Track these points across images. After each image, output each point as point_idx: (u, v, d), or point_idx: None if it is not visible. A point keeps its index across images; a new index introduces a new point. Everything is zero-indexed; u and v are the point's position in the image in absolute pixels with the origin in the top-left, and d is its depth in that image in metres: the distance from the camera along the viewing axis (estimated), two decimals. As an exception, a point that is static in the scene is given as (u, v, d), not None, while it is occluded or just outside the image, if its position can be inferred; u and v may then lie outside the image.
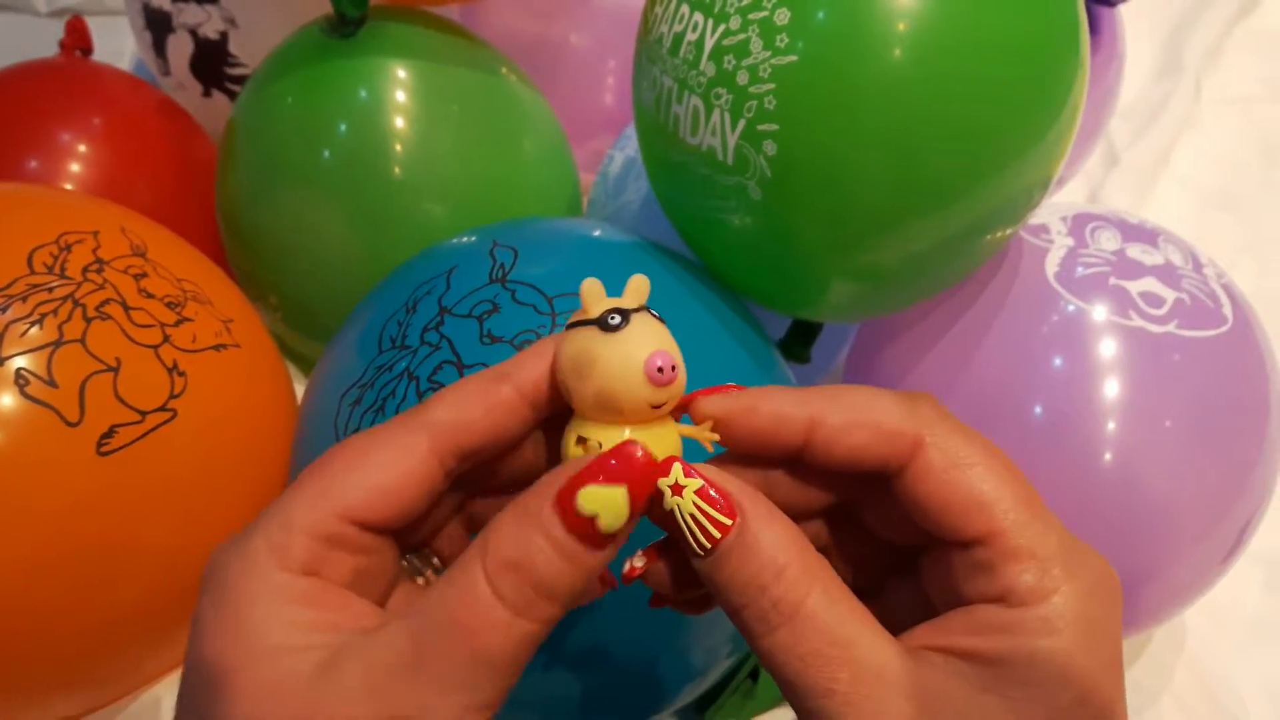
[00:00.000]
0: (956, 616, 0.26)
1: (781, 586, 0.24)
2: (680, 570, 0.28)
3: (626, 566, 0.28)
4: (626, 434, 0.25)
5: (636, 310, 0.26)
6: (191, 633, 0.24)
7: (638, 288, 0.27)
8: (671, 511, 0.25)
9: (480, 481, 0.29)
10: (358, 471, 0.25)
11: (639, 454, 0.24)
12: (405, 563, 0.29)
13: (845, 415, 0.26)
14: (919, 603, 0.28)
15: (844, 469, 0.27)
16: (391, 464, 0.25)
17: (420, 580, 0.29)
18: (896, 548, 0.29)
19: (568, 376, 0.26)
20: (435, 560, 0.29)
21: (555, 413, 0.27)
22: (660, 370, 0.24)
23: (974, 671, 0.24)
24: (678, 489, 0.25)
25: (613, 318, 0.25)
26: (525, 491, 0.24)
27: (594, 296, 0.26)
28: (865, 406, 0.27)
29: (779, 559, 0.24)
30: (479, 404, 0.26)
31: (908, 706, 0.24)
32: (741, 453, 0.28)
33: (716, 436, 0.27)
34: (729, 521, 0.25)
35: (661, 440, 0.26)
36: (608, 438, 0.25)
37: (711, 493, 0.25)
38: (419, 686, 0.23)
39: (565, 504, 0.23)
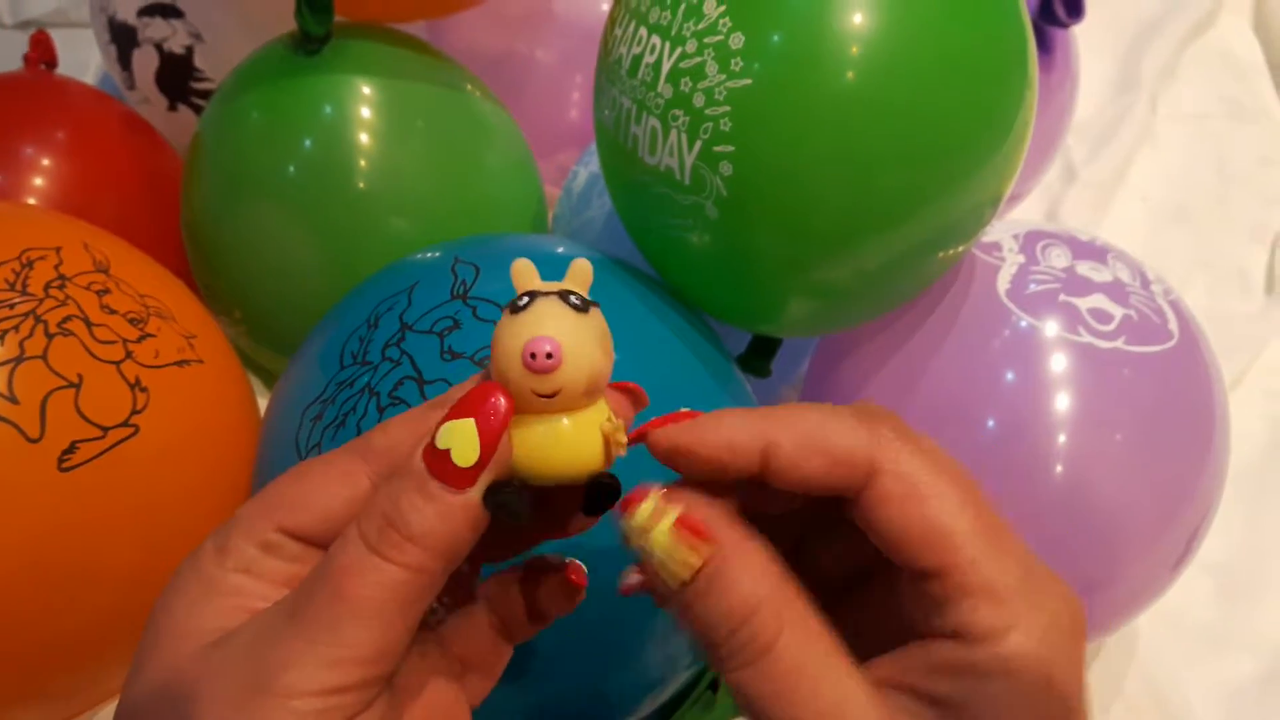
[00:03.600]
0: (914, 653, 0.26)
1: (756, 622, 0.24)
2: None
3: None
4: (565, 422, 0.25)
5: (547, 294, 0.25)
6: None
7: (575, 273, 0.26)
8: (642, 550, 0.25)
9: None
10: (296, 487, 0.27)
11: (490, 394, 0.24)
12: None
13: (799, 440, 0.26)
14: (878, 620, 0.28)
15: (800, 493, 0.27)
16: (326, 484, 0.27)
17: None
18: (847, 572, 0.30)
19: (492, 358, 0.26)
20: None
21: None
22: (534, 357, 0.24)
23: (935, 714, 0.25)
24: (646, 527, 0.25)
25: (521, 300, 0.25)
26: None
27: (522, 277, 0.26)
28: (819, 429, 0.26)
29: (756, 594, 0.24)
30: (410, 432, 0.27)
31: None
32: (696, 479, 0.27)
33: (623, 440, 0.26)
34: (699, 562, 0.24)
35: (582, 431, 0.25)
36: (534, 426, 0.25)
37: (674, 536, 0.25)
38: (288, 639, 0.23)
39: (428, 448, 0.25)
